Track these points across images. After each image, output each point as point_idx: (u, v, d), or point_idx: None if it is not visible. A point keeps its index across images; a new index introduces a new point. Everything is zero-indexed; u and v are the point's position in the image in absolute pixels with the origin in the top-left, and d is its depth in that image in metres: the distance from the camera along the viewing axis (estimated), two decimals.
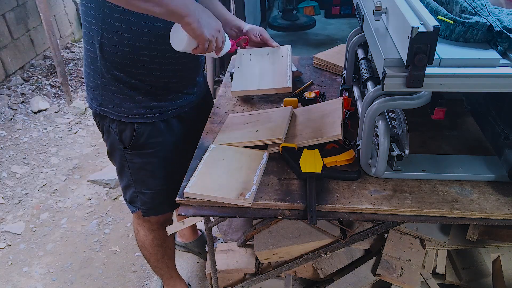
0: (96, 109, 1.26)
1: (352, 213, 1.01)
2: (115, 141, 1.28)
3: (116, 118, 1.24)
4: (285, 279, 1.49)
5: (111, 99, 1.22)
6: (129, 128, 1.25)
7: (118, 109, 1.22)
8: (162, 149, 1.31)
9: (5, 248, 2.17)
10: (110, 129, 1.27)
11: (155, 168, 1.33)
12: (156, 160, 1.32)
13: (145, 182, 1.35)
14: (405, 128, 1.08)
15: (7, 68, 3.57)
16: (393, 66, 0.86)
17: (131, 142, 1.26)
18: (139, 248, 1.59)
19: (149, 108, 1.24)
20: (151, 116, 1.25)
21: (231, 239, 1.57)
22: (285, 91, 1.31)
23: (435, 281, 1.47)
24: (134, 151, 1.28)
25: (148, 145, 1.28)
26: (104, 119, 1.27)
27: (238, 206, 1.03)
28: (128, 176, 1.34)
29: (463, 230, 1.42)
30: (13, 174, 2.69)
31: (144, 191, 1.37)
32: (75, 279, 2.00)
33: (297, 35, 4.57)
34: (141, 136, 1.26)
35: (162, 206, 1.42)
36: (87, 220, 2.33)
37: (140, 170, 1.33)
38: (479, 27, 0.90)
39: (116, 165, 1.36)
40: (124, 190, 1.41)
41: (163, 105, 1.26)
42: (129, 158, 1.30)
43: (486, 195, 1.02)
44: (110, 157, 1.38)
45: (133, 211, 1.43)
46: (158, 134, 1.28)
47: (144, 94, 1.22)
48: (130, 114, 1.23)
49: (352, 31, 1.31)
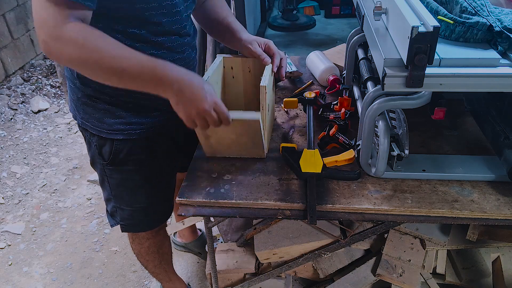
0: (79, 121, 1.20)
1: (352, 213, 1.01)
2: (95, 155, 1.23)
3: (96, 133, 1.17)
4: (285, 279, 1.49)
5: (92, 113, 1.15)
6: (108, 144, 1.18)
7: (98, 124, 1.16)
8: (143, 167, 1.24)
9: (5, 248, 2.17)
10: (90, 142, 1.22)
11: (136, 186, 1.26)
12: (137, 178, 1.25)
13: (124, 199, 1.29)
14: (405, 128, 1.08)
15: (7, 68, 3.57)
16: (393, 66, 0.86)
17: (110, 158, 1.20)
18: (135, 255, 1.55)
19: (130, 125, 1.16)
20: (132, 133, 1.17)
21: (231, 239, 1.57)
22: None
23: (435, 281, 1.47)
24: (113, 167, 1.23)
25: (128, 162, 1.22)
26: (86, 132, 1.21)
27: (238, 206, 1.03)
28: (108, 190, 1.29)
29: (463, 230, 1.42)
30: (13, 174, 2.69)
31: (123, 208, 1.31)
32: (75, 279, 2.00)
33: (297, 35, 4.57)
34: (120, 153, 1.19)
35: (141, 225, 1.37)
36: (87, 220, 2.33)
37: (119, 186, 1.27)
38: (479, 27, 0.90)
39: (98, 176, 1.31)
40: (105, 201, 1.36)
41: (146, 122, 1.18)
42: (108, 173, 1.25)
43: (486, 195, 1.02)
44: (92, 166, 1.32)
45: (112, 224, 1.37)
46: (140, 152, 1.21)
47: (125, 110, 1.15)
48: (110, 130, 1.16)
49: (352, 31, 1.30)
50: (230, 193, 1.05)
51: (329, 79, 1.48)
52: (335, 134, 1.17)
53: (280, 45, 4.34)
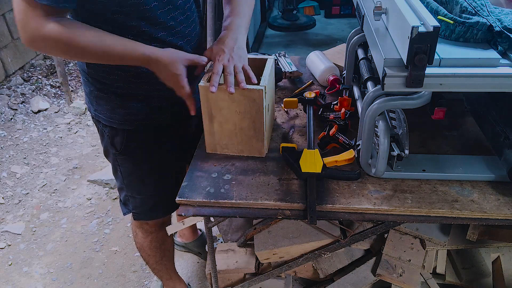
0: (93, 113, 1.26)
1: (352, 213, 1.01)
2: (108, 145, 1.28)
3: (109, 124, 1.23)
4: (285, 279, 1.49)
5: (104, 105, 1.20)
6: (120, 134, 1.23)
7: (110, 115, 1.21)
8: (152, 157, 1.29)
9: (5, 248, 2.17)
10: (103, 132, 1.27)
11: (145, 174, 1.32)
12: (147, 167, 1.30)
13: (135, 187, 1.34)
14: (405, 128, 1.08)
15: (7, 68, 3.57)
16: (393, 66, 0.86)
17: (122, 148, 1.25)
18: (138, 249, 1.59)
19: (141, 115, 1.21)
20: (142, 124, 1.23)
21: (231, 239, 1.57)
22: None
23: (435, 281, 1.47)
24: (124, 156, 1.28)
25: (138, 152, 1.27)
26: (99, 123, 1.27)
27: (238, 206, 1.03)
28: (121, 179, 1.34)
29: (463, 230, 1.42)
30: (13, 174, 2.69)
31: (135, 196, 1.36)
32: (75, 279, 2.00)
33: (297, 35, 4.57)
34: (132, 143, 1.25)
35: (153, 212, 1.41)
36: (87, 220, 2.33)
37: (131, 175, 1.32)
38: (479, 27, 0.90)
39: (111, 166, 1.36)
40: (118, 190, 1.42)
41: (155, 113, 1.23)
42: (120, 162, 1.30)
43: (486, 195, 1.02)
44: (106, 156, 1.37)
45: (125, 213, 1.43)
46: (148, 142, 1.26)
47: (136, 101, 1.19)
48: (121, 121, 1.21)
49: (352, 31, 1.30)
50: (230, 193, 1.05)
51: (329, 79, 1.48)
52: (335, 134, 1.17)
53: (280, 45, 4.34)
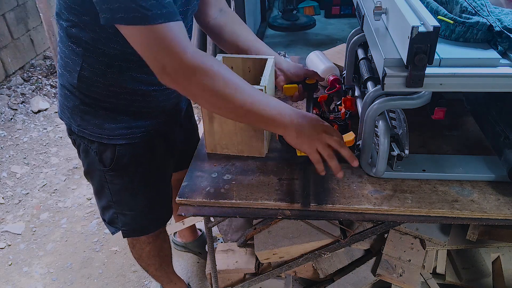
0: (75, 129, 1.16)
1: (352, 213, 1.01)
2: (94, 162, 1.19)
3: (96, 140, 1.15)
4: (285, 279, 1.49)
5: (90, 120, 1.12)
6: (110, 150, 1.16)
7: (98, 130, 1.13)
8: (145, 170, 1.24)
9: (5, 248, 2.17)
10: (88, 149, 1.18)
11: (138, 188, 1.26)
12: (139, 180, 1.25)
13: (126, 203, 1.28)
14: (405, 128, 1.08)
15: (7, 68, 3.57)
16: (393, 66, 0.86)
17: (112, 163, 1.18)
18: (136, 260, 1.54)
19: (131, 128, 1.15)
20: (134, 137, 1.17)
21: (231, 239, 1.57)
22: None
23: (435, 281, 1.46)
24: (114, 172, 1.20)
25: (130, 166, 1.21)
26: (82, 139, 1.17)
27: (238, 206, 1.03)
28: (109, 197, 1.27)
29: (463, 230, 1.42)
30: (13, 174, 2.69)
31: (126, 212, 1.30)
32: (75, 279, 2.00)
33: (297, 35, 4.57)
34: (123, 157, 1.18)
35: (143, 228, 1.37)
36: (87, 220, 2.33)
37: (121, 191, 1.25)
38: (479, 27, 0.90)
39: (94, 185, 1.28)
40: (102, 210, 1.34)
41: (146, 125, 1.18)
42: (109, 179, 1.22)
43: (486, 195, 1.02)
44: (87, 176, 1.29)
45: (113, 232, 1.35)
46: (141, 154, 1.21)
47: (126, 115, 1.14)
48: (111, 135, 1.14)
49: (352, 31, 1.30)
50: (230, 193, 1.05)
51: (329, 79, 1.48)
52: None
53: (280, 45, 4.34)
